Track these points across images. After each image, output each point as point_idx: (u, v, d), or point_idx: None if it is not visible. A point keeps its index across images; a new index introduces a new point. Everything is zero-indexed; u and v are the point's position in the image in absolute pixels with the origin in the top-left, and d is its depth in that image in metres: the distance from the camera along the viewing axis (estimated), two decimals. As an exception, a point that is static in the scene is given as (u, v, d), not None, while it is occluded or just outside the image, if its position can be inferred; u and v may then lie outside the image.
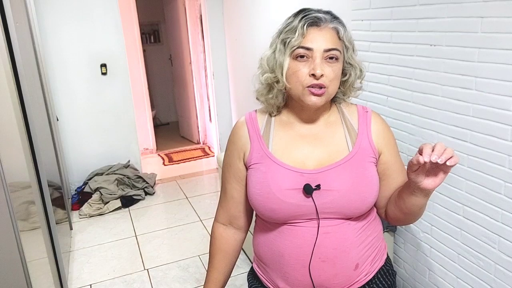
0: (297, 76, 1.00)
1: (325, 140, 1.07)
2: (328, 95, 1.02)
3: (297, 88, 1.01)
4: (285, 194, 1.00)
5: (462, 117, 1.52)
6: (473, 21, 1.41)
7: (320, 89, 0.99)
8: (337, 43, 1.00)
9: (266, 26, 3.11)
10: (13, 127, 1.74)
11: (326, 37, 0.99)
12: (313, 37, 0.98)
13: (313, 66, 0.98)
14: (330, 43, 0.99)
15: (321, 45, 0.98)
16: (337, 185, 1.00)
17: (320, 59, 0.98)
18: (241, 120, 1.14)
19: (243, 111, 3.92)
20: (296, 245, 1.03)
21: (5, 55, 1.74)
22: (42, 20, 3.45)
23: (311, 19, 0.99)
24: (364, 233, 1.06)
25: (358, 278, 1.06)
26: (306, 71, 0.99)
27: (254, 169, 1.06)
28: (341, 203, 1.00)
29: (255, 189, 1.04)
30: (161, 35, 6.19)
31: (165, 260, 2.75)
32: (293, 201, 1.00)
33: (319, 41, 0.98)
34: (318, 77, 0.97)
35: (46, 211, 2.08)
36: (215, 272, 1.23)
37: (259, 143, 1.08)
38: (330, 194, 1.00)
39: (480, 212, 1.51)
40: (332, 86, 1.01)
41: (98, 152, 3.90)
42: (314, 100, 1.00)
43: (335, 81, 1.01)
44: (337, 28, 1.00)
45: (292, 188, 1.01)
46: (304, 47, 0.98)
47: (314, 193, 0.99)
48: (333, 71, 1.00)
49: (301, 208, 1.01)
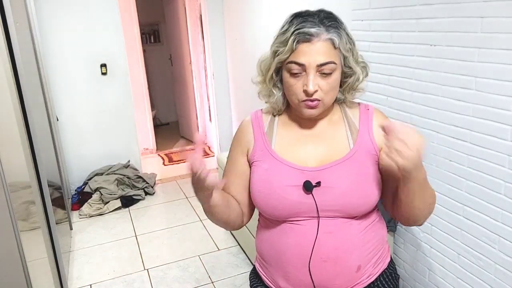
0: (291, 90, 1.01)
1: (327, 138, 1.07)
2: (324, 106, 1.01)
3: (293, 101, 1.03)
4: (285, 191, 1.01)
5: (462, 117, 1.52)
6: (473, 21, 1.41)
7: (314, 102, 0.99)
8: (332, 55, 0.97)
9: (266, 26, 3.12)
10: (13, 127, 1.74)
11: (319, 51, 0.95)
12: (305, 52, 0.96)
13: (306, 82, 0.96)
14: (323, 57, 0.95)
15: (314, 60, 0.95)
16: (337, 182, 1.00)
17: (313, 74, 0.96)
18: (247, 119, 1.16)
19: (243, 111, 3.92)
20: (297, 244, 1.03)
21: (5, 55, 1.74)
22: (42, 20, 3.45)
23: (302, 35, 0.95)
24: (368, 234, 1.06)
25: (360, 280, 1.06)
26: (300, 86, 0.98)
27: (257, 166, 1.07)
28: (342, 200, 1.00)
29: (257, 186, 1.05)
30: (161, 35, 6.18)
31: (165, 260, 2.75)
32: (293, 198, 1.01)
33: (311, 56, 0.95)
34: (311, 94, 0.97)
35: (46, 211, 2.08)
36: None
37: (262, 141, 1.09)
38: (331, 191, 1.00)
39: (480, 212, 1.51)
40: (327, 97, 1.00)
41: (98, 152, 3.90)
42: (310, 113, 1.01)
43: (331, 92, 1.00)
44: (331, 39, 0.96)
45: (293, 184, 1.01)
46: (296, 63, 0.97)
47: (315, 191, 1.00)
48: (328, 83, 0.98)
49: (302, 205, 1.01)
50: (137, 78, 4.63)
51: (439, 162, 1.64)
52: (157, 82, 6.24)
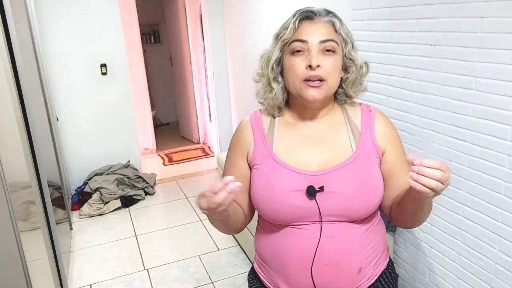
0: (293, 70, 0.99)
1: (329, 141, 1.05)
2: (328, 88, 1.00)
3: (295, 82, 1.00)
4: (288, 196, 1.00)
5: (462, 117, 1.52)
6: (473, 21, 1.41)
7: (318, 81, 0.98)
8: (333, 35, 1.00)
9: (266, 26, 3.12)
10: (13, 127, 1.74)
11: (321, 29, 0.99)
12: (307, 30, 0.98)
13: (309, 58, 0.97)
14: (325, 35, 0.98)
15: (316, 37, 0.98)
16: (340, 187, 0.99)
17: (316, 51, 0.97)
18: (246, 120, 1.13)
19: (243, 111, 3.92)
20: (299, 248, 1.02)
21: (5, 55, 1.74)
22: (42, 20, 3.45)
23: (304, 13, 1.00)
24: (368, 237, 1.05)
25: (361, 282, 1.05)
26: (303, 65, 0.98)
27: (257, 169, 1.06)
28: (345, 205, 0.99)
29: (258, 190, 1.04)
30: (161, 35, 6.18)
31: (165, 260, 2.75)
32: (296, 203, 0.99)
33: (314, 33, 0.98)
34: (314, 68, 0.96)
35: (46, 211, 2.08)
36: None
37: (263, 143, 1.07)
38: (334, 196, 0.99)
39: (480, 212, 1.51)
40: (331, 78, 0.99)
41: (98, 152, 3.90)
42: (313, 94, 0.99)
43: (334, 73, 1.00)
44: (332, 21, 1.00)
45: (296, 189, 1.00)
46: (299, 40, 0.98)
47: (318, 195, 0.98)
48: (331, 63, 0.99)
49: (304, 210, 1.00)
50: (137, 78, 4.63)
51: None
52: (157, 82, 6.24)
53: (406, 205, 0.97)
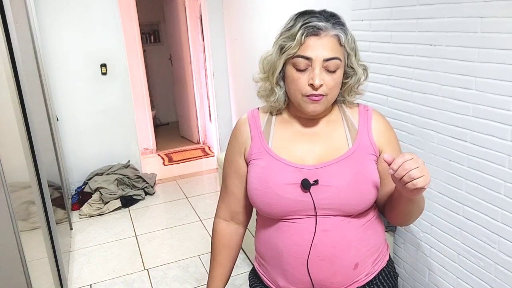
0: (296, 84, 1.00)
1: (325, 137, 1.07)
2: (327, 102, 1.02)
3: (296, 95, 1.02)
4: (282, 189, 1.01)
5: (462, 117, 1.52)
6: (473, 21, 1.41)
7: (318, 96, 0.99)
8: (337, 51, 0.99)
9: (266, 26, 3.12)
10: (13, 127, 1.74)
11: (326, 46, 0.97)
12: (312, 46, 0.97)
13: (312, 76, 0.97)
14: (330, 52, 0.97)
15: (321, 54, 0.97)
16: (335, 181, 1.00)
17: (319, 69, 0.97)
18: (243, 118, 1.15)
19: (243, 111, 3.91)
20: (294, 243, 1.03)
21: (5, 55, 1.74)
22: (42, 20, 3.45)
23: (310, 28, 0.97)
24: (365, 232, 1.06)
25: (358, 277, 1.06)
26: (305, 80, 0.98)
27: (254, 164, 1.07)
28: (340, 199, 1.00)
29: (253, 184, 1.05)
30: (161, 35, 6.19)
31: (165, 260, 2.75)
32: (290, 196, 1.00)
33: (319, 50, 0.97)
34: (317, 88, 0.97)
35: (46, 211, 2.08)
36: (220, 268, 1.23)
37: (259, 139, 1.08)
38: (328, 190, 1.00)
39: (480, 212, 1.51)
40: (331, 93, 1.01)
41: (98, 152, 3.90)
42: (313, 108, 1.01)
43: (335, 88, 1.01)
44: (338, 35, 0.98)
45: (290, 183, 1.01)
46: (303, 56, 0.97)
47: (312, 189, 0.99)
48: (333, 79, 0.99)
49: (299, 204, 1.00)
50: (137, 78, 4.63)
51: (439, 162, 1.64)
52: (157, 82, 6.24)
53: (397, 202, 1.02)
